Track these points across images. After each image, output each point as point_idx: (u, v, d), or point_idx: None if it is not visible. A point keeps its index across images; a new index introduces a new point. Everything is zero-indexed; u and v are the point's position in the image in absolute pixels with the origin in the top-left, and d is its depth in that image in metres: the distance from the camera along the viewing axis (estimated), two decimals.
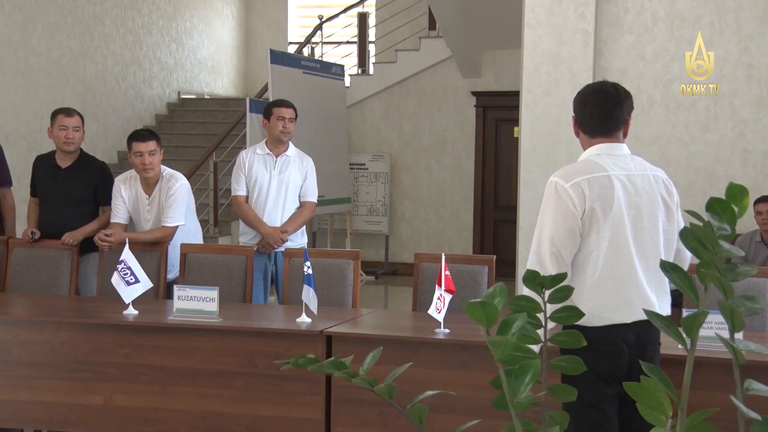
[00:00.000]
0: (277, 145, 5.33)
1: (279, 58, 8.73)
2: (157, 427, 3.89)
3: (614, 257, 2.81)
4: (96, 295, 4.91)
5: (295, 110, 5.39)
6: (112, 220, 5.01)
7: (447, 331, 3.71)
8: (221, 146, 9.01)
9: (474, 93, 10.32)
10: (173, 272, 4.98)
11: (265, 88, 8.98)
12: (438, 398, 1.58)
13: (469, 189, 10.47)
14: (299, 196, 5.37)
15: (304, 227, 5.44)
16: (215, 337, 3.88)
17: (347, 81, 10.47)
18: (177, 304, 3.97)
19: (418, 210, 10.71)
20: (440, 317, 3.70)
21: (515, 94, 6.61)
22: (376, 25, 11.25)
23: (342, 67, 10.14)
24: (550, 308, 1.51)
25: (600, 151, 2.89)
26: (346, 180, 10.14)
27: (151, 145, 4.87)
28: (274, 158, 5.32)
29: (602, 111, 2.91)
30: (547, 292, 1.50)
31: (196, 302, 3.94)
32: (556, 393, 1.43)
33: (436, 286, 3.76)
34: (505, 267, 5.79)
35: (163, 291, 4.80)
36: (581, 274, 2.81)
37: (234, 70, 12.43)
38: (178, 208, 4.93)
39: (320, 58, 10.54)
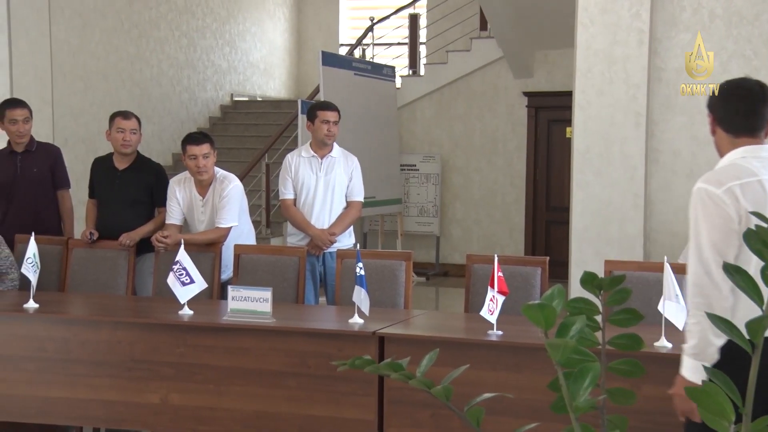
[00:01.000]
0: (321, 147, 5.35)
1: (330, 59, 8.77)
2: (212, 426, 3.93)
3: None
4: (151, 295, 4.99)
5: (338, 112, 5.40)
6: (167, 221, 5.08)
7: (500, 332, 3.69)
8: (273, 148, 9.09)
9: (526, 93, 10.25)
10: (227, 273, 5.03)
11: (316, 90, 9.04)
12: (491, 400, 1.57)
13: (520, 190, 10.40)
14: (346, 196, 5.38)
15: (351, 227, 5.45)
16: (268, 338, 3.90)
17: (398, 82, 10.48)
18: (231, 304, 4.01)
19: (469, 211, 10.66)
20: (493, 319, 3.68)
21: (568, 95, 6.55)
22: (427, 26, 11.24)
23: (393, 68, 10.15)
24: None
25: (746, 153, 2.71)
26: (396, 181, 10.15)
27: (205, 148, 4.93)
28: (320, 160, 5.34)
29: (748, 107, 2.75)
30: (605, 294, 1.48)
31: (249, 303, 3.98)
32: (616, 396, 1.42)
33: (489, 287, 3.74)
34: (558, 268, 5.73)
35: (217, 291, 4.85)
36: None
37: (286, 72, 12.53)
38: (232, 209, 4.98)
39: (371, 60, 10.57)
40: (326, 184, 5.31)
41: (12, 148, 5.42)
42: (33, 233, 4.49)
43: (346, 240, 5.38)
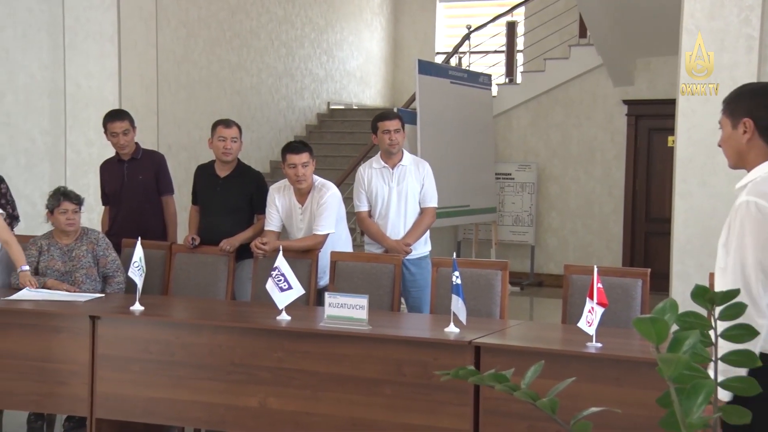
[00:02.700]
0: (389, 157, 5.36)
1: (426, 68, 8.78)
2: (309, 430, 3.97)
3: None
4: (250, 300, 5.08)
5: (400, 119, 5.39)
6: (265, 228, 5.16)
7: (599, 345, 3.62)
8: (369, 156, 9.13)
9: (625, 101, 10.05)
10: (324, 279, 5.08)
11: (412, 98, 9.06)
12: (590, 414, 1.55)
13: (619, 199, 10.19)
14: (419, 203, 5.37)
15: (427, 234, 5.42)
16: (364, 345, 3.92)
17: (494, 90, 10.42)
18: (328, 311, 4.04)
19: (565, 220, 10.51)
20: (591, 331, 3.62)
21: (670, 103, 6.39)
22: (524, 34, 11.15)
23: (489, 76, 10.11)
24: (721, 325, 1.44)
25: None
26: (491, 190, 10.08)
27: (305, 157, 4.99)
28: (391, 170, 5.34)
29: None
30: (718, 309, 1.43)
31: (346, 309, 4.01)
32: (730, 415, 1.37)
33: (587, 298, 3.68)
34: (658, 281, 5.56)
35: (313, 298, 4.90)
36: None
37: (382, 81, 12.62)
38: (329, 216, 5.03)
39: (467, 68, 10.54)
40: (399, 194, 5.30)
41: (119, 156, 5.61)
42: (139, 238, 4.63)
43: (422, 247, 5.36)
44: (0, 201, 5.48)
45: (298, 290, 4.21)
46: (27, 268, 4.83)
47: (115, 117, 5.55)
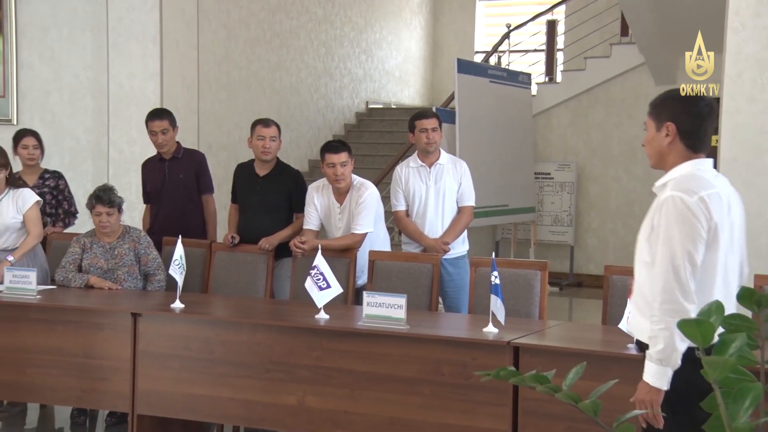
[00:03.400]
0: (426, 156, 5.34)
1: (466, 67, 8.75)
2: (347, 429, 3.98)
3: (726, 278, 2.76)
4: (288, 298, 5.10)
5: (437, 118, 5.37)
6: (304, 227, 5.18)
7: None
8: (407, 155, 9.12)
9: None
10: (362, 278, 5.09)
11: (451, 97, 9.04)
12: (632, 417, 1.52)
13: None
14: (457, 202, 5.35)
15: (465, 233, 5.40)
16: (403, 344, 3.92)
17: (534, 89, 10.36)
18: (366, 310, 4.05)
19: (605, 221, 10.41)
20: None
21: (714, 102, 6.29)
22: (565, 33, 11.06)
23: (529, 75, 10.05)
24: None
25: (699, 165, 2.82)
26: (530, 189, 10.02)
27: (343, 156, 5.00)
28: (428, 169, 5.32)
29: (712, 128, 2.88)
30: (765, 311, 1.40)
31: (384, 309, 4.01)
32: None
33: (628, 299, 3.63)
34: None
35: (351, 296, 4.91)
36: (698, 295, 2.72)
37: (421, 80, 12.60)
38: (368, 215, 5.03)
39: (507, 67, 10.49)
40: (437, 192, 5.29)
41: (161, 155, 5.67)
42: (180, 236, 4.66)
43: (460, 246, 5.34)
44: (58, 197, 5.63)
45: (336, 289, 4.22)
46: (12, 259, 4.96)
47: (155, 116, 5.60)
